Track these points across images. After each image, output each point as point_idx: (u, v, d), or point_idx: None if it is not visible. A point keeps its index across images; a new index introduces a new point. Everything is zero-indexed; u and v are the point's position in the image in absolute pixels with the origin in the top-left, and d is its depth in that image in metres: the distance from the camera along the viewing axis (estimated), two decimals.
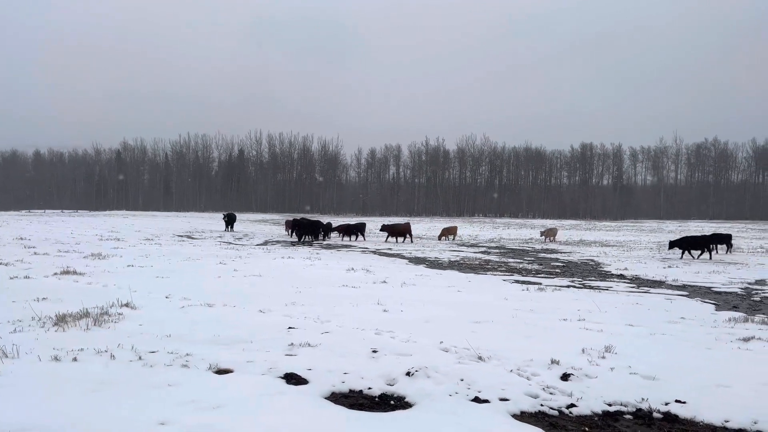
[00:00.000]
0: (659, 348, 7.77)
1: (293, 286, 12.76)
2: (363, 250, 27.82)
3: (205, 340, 7.22)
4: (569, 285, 15.38)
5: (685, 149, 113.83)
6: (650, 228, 58.86)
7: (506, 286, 14.65)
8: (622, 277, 18.07)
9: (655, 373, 6.34)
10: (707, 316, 10.80)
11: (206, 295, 10.75)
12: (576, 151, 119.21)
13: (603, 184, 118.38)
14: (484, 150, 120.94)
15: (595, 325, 9.29)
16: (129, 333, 7.32)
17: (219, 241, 30.83)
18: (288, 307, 10.04)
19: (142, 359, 6.15)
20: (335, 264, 18.89)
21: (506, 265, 21.54)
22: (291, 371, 5.97)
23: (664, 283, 16.39)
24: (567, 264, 22.60)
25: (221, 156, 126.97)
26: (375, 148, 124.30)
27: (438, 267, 19.96)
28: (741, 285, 15.89)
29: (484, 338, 7.90)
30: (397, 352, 6.95)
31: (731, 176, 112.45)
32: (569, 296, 13.00)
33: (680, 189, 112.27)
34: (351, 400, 5.42)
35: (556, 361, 6.66)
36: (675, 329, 9.25)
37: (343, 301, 10.97)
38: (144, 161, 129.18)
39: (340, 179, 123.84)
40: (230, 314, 9.05)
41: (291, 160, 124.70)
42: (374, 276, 15.46)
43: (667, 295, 13.77)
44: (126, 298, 9.65)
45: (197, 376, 5.69)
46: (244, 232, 42.04)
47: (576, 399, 5.56)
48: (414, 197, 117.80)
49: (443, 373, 6.09)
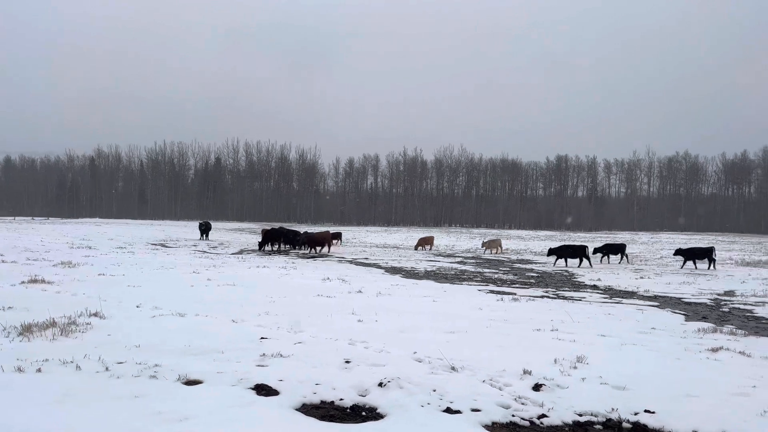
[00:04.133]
0: (630, 358, 7.85)
1: (267, 296, 12.64)
2: (340, 259, 27.74)
3: (176, 350, 7.10)
4: (543, 295, 15.50)
5: (657, 162, 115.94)
6: (624, 239, 59.69)
7: (481, 296, 14.71)
8: (595, 287, 18.28)
9: (626, 383, 6.40)
10: (677, 326, 10.96)
11: (178, 305, 10.58)
12: (551, 162, 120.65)
13: (578, 195, 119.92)
14: (461, 161, 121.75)
15: (568, 335, 9.36)
16: (97, 343, 7.17)
17: (193, 250, 30.46)
18: (261, 317, 9.94)
19: (109, 370, 6.01)
20: (311, 273, 18.79)
21: (482, 275, 21.64)
22: (262, 382, 5.89)
23: (636, 293, 16.61)
24: (542, 274, 22.79)
25: (197, 164, 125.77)
26: (353, 157, 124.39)
27: (414, 277, 19.97)
28: (710, 296, 16.18)
29: (458, 348, 7.91)
30: (371, 363, 6.91)
31: (702, 189, 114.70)
32: (543, 306, 13.09)
33: (653, 201, 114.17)
34: (322, 411, 5.36)
35: (529, 372, 6.69)
36: (646, 340, 9.36)
37: (318, 311, 10.90)
38: (118, 168, 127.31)
39: (318, 188, 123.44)
40: (202, 324, 8.92)
41: (268, 168, 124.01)
42: (350, 286, 15.40)
43: (638, 305, 13.95)
44: (95, 307, 9.45)
45: (165, 388, 5.58)
46: (219, 240, 41.62)
47: (547, 409, 5.57)
48: (392, 207, 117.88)
49: (416, 383, 6.07)
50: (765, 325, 11.51)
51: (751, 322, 11.79)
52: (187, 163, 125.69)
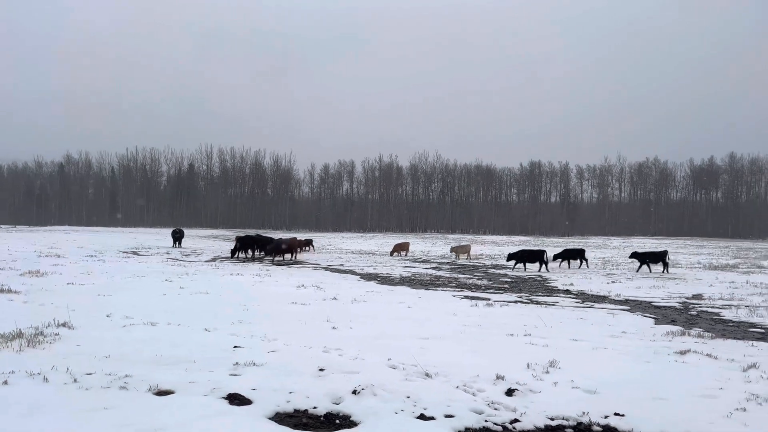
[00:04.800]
0: (601, 362, 7.98)
1: (241, 304, 12.53)
2: (315, 266, 27.64)
3: (147, 360, 7.00)
4: (517, 300, 15.65)
5: (628, 168, 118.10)
6: (596, 244, 60.62)
7: (456, 302, 14.79)
8: (567, 292, 18.51)
9: (597, 387, 6.50)
10: (647, 330, 11.16)
11: (150, 314, 10.44)
12: (525, 168, 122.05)
13: (551, 201, 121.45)
14: (436, 167, 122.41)
15: (541, 339, 9.47)
16: (65, 354, 7.03)
17: (166, 258, 30.06)
18: (234, 326, 9.86)
19: (78, 381, 5.91)
20: (285, 281, 18.69)
21: (456, 280, 21.76)
22: (235, 391, 5.84)
23: (608, 298, 16.87)
24: (515, 279, 23.01)
25: (170, 170, 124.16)
26: (328, 163, 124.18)
27: (389, 283, 19.99)
28: (679, 299, 16.50)
29: (432, 354, 7.95)
30: (345, 370, 6.90)
31: (671, 194, 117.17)
32: (517, 311, 13.22)
33: (624, 206, 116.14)
34: (296, 419, 5.34)
35: (502, 377, 6.75)
36: (616, 343, 9.52)
37: (292, 319, 10.85)
38: (89, 175, 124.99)
39: (293, 195, 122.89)
40: (174, 333, 8.82)
41: (242, 175, 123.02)
42: (324, 293, 15.35)
43: (610, 309, 14.17)
44: (64, 317, 9.27)
45: (136, 399, 5.51)
46: (192, 248, 41.13)
47: (520, 414, 5.63)
48: (367, 213, 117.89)
49: (390, 390, 6.08)
50: (731, 327, 11.79)
51: (718, 325, 12.06)
52: (159, 169, 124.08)
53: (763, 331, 11.25)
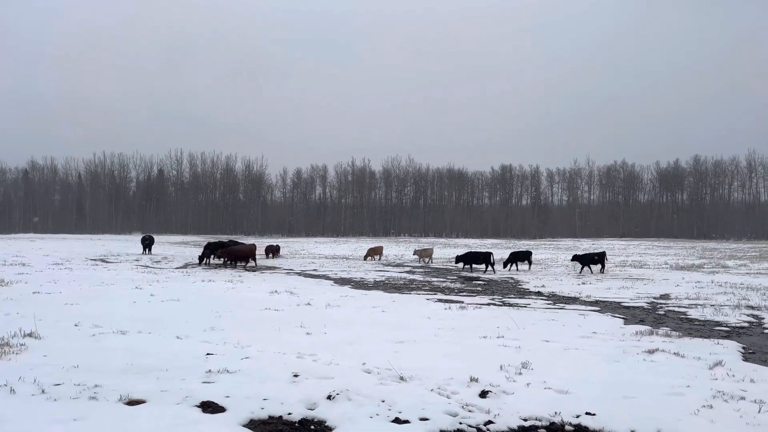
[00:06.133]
0: (572, 363, 8.11)
1: (213, 311, 12.40)
2: (288, 271, 27.48)
3: (117, 369, 6.88)
4: (490, 303, 15.79)
5: (597, 171, 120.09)
6: (566, 246, 61.47)
7: (429, 306, 14.86)
8: (539, 294, 18.74)
9: (568, 387, 6.61)
10: (616, 330, 11.36)
11: (120, 322, 10.25)
12: (496, 172, 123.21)
13: (522, 204, 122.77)
14: (409, 171, 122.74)
15: (514, 341, 9.58)
16: (32, 365, 6.87)
17: (136, 265, 29.55)
18: (207, 333, 9.75)
19: (46, 392, 5.79)
20: (258, 286, 18.54)
21: (430, 284, 21.86)
22: (208, 399, 5.79)
23: (579, 299, 17.13)
24: (488, 282, 23.21)
25: (139, 176, 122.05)
26: (301, 168, 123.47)
27: (363, 287, 19.98)
28: (647, 300, 16.84)
29: (407, 358, 7.98)
30: (319, 376, 6.88)
31: (638, 197, 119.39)
32: (489, 314, 13.34)
33: (593, 209, 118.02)
34: (270, 426, 5.31)
35: (476, 379, 6.81)
36: (587, 344, 9.68)
37: (266, 325, 10.77)
38: (55, 181, 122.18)
39: (266, 200, 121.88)
40: (145, 341, 8.69)
41: (213, 180, 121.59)
42: (298, 298, 15.28)
43: (580, 310, 14.39)
44: (30, 327, 9.06)
45: (106, 409, 5.41)
46: (163, 254, 40.50)
47: (493, 416, 5.69)
48: (341, 217, 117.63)
49: (365, 395, 6.09)
50: (698, 326, 12.08)
51: (685, 324, 12.35)
52: (128, 175, 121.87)
53: (728, 330, 11.55)
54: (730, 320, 12.66)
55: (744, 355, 8.96)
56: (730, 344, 9.79)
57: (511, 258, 30.50)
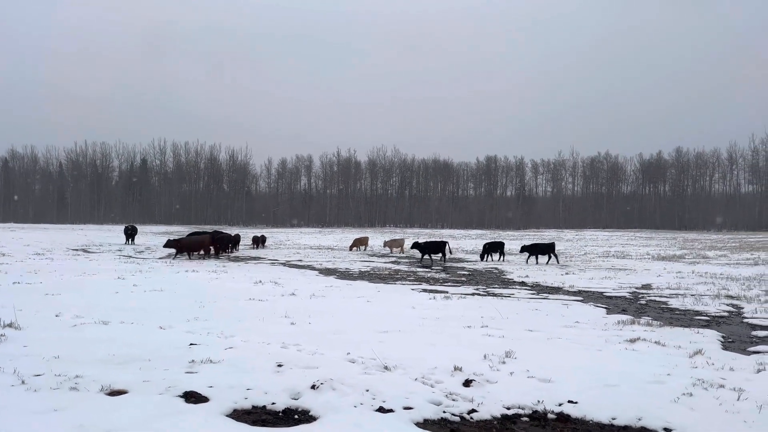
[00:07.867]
0: (555, 352, 8.17)
1: (197, 301, 12.33)
2: (273, 262, 27.39)
3: (99, 360, 6.81)
4: (474, 293, 15.86)
5: (581, 162, 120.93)
6: (550, 237, 61.86)
7: (414, 296, 14.89)
8: (523, 284, 18.87)
9: (551, 375, 6.66)
10: (599, 319, 11.48)
11: (102, 313, 10.16)
12: (481, 163, 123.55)
13: (507, 195, 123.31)
14: (394, 161, 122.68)
15: (497, 331, 9.64)
16: (12, 356, 6.78)
17: (118, 255, 29.28)
18: (190, 323, 9.69)
19: (26, 383, 5.72)
20: (242, 277, 18.47)
21: (415, 274, 21.91)
22: (191, 389, 5.75)
23: (562, 289, 17.27)
24: (473, 272, 23.31)
25: (122, 165, 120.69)
26: (286, 158, 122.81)
27: (348, 278, 19.98)
28: (629, 290, 17.02)
29: (391, 348, 7.99)
30: (303, 365, 6.87)
31: (621, 188, 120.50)
32: (474, 304, 13.40)
33: (577, 200, 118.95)
34: (254, 416, 5.29)
35: (459, 368, 6.84)
36: (570, 333, 9.76)
37: (250, 315, 10.73)
38: (35, 170, 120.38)
39: (250, 190, 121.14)
40: (127, 332, 8.61)
41: (197, 170, 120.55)
42: (283, 288, 15.24)
43: (564, 300, 14.51)
44: (10, 317, 8.94)
45: (87, 399, 5.36)
46: (146, 245, 40.16)
47: (477, 404, 5.72)
48: (326, 208, 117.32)
49: (349, 384, 6.09)
50: (678, 315, 12.23)
51: (666, 313, 12.50)
52: (110, 164, 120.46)
53: (708, 319, 11.72)
54: (710, 310, 12.84)
55: (723, 344, 9.09)
56: (710, 333, 9.93)
57: (487, 248, 30.84)
